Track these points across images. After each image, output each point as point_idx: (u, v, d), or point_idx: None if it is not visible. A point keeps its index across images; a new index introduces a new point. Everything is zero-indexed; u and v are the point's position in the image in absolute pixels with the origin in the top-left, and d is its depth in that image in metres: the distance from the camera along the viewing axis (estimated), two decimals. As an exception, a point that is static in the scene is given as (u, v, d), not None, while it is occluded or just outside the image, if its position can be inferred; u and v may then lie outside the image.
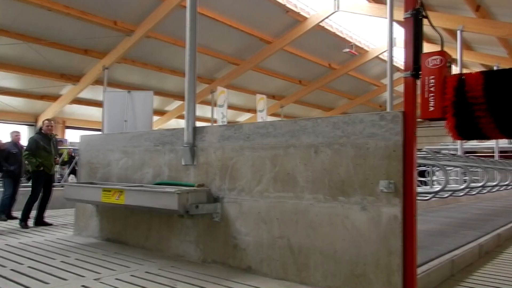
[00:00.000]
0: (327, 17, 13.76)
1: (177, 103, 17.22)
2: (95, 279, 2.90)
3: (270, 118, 18.61)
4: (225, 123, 13.53)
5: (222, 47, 14.53)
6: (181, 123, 12.54)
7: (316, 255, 2.75)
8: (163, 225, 3.70)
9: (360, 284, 2.55)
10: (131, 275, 3.01)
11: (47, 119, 5.77)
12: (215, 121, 15.28)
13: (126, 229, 4.05)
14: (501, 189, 9.19)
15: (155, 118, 16.30)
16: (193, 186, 3.40)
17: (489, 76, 2.29)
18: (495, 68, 11.45)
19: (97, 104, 14.72)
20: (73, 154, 10.31)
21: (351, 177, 2.66)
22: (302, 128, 2.91)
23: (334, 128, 2.76)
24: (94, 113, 15.48)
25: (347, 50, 15.56)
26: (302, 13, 13.63)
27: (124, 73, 14.02)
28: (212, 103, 15.96)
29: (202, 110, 18.05)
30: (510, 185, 8.96)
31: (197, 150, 3.50)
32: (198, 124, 3.61)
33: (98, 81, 13.13)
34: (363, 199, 2.60)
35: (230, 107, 17.98)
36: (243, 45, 14.65)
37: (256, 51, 15.20)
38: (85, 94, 14.31)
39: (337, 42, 15.65)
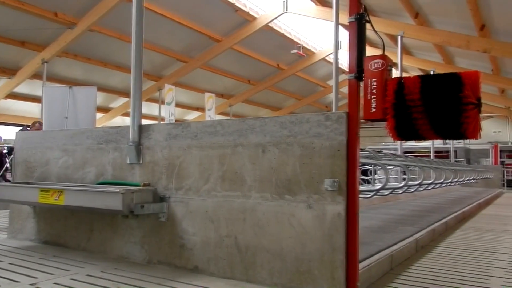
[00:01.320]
0: (275, 18, 13.94)
1: (122, 100, 16.70)
2: (30, 284, 2.74)
3: (219, 117, 18.57)
4: (173, 122, 13.30)
5: (170, 43, 14.28)
6: (127, 121, 12.17)
7: (263, 253, 2.78)
8: (106, 226, 3.57)
9: (305, 280, 2.61)
10: (71, 279, 2.87)
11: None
12: (162, 119, 14.97)
13: (66, 231, 3.87)
14: (436, 186, 9.76)
15: (99, 115, 15.70)
16: (138, 185, 3.31)
17: (426, 80, 2.42)
18: (431, 73, 12.13)
19: (35, 99, 13.92)
20: (4, 152, 9.70)
21: (297, 176, 2.71)
22: (250, 128, 2.92)
23: (281, 127, 2.80)
24: (32, 109, 14.64)
25: (295, 51, 15.85)
26: (251, 12, 13.72)
27: (65, 67, 13.36)
28: (160, 101, 15.62)
29: (149, 108, 17.62)
30: (444, 183, 9.54)
31: (143, 148, 3.41)
32: (145, 122, 3.52)
33: (36, 75, 12.41)
34: (309, 198, 2.66)
35: (178, 105, 17.72)
36: (191, 42, 14.48)
37: (204, 49, 15.09)
38: (21, 89, 13.49)
39: (285, 43, 15.91)
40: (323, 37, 16.19)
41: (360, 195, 6.65)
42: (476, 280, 3.16)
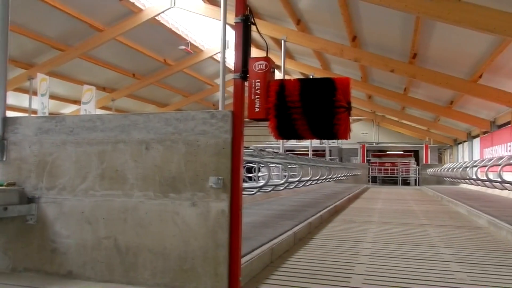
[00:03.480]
0: (163, 12, 13.59)
1: (-17, 89, 14.67)
2: None
3: (100, 112, 17.45)
4: (46, 114, 12.13)
5: (44, 29, 12.98)
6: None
7: (145, 254, 2.69)
8: (-41, 232, 3.10)
9: (188, 278, 2.60)
10: None
11: None
12: (34, 112, 13.56)
13: None
14: (313, 183, 10.53)
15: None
16: (1, 185, 2.95)
17: (304, 83, 2.59)
18: (311, 77, 13.05)
19: None
20: None
21: (182, 173, 2.69)
22: (133, 123, 2.81)
23: (166, 124, 2.74)
24: None
25: (183, 47, 15.67)
26: (137, 3, 13.17)
27: None
28: (31, 91, 14.12)
29: (18, 99, 15.83)
30: (320, 180, 10.34)
31: (8, 144, 3.04)
32: (12, 114, 3.14)
33: None
34: (193, 195, 2.65)
35: (53, 97, 16.23)
36: (69, 29, 13.36)
37: (85, 38, 14.05)
38: None
39: (173, 38, 15.62)
40: (212, 35, 16.28)
41: (244, 192, 6.85)
42: (344, 267, 3.49)
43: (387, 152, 28.98)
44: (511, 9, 7.49)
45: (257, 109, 2.64)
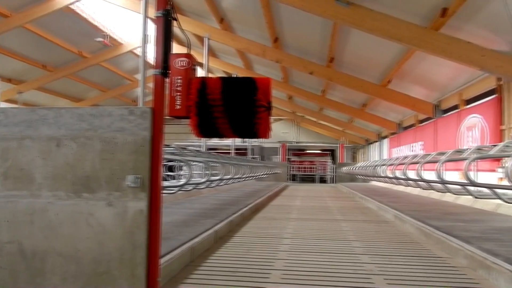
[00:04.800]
0: (77, 1, 12.79)
1: None
2: None
3: (5, 105, 16.01)
4: None
5: None
6: None
7: (54, 258, 2.51)
8: None
9: (103, 281, 2.48)
10: None
11: None
12: None
13: None
14: (235, 181, 10.61)
15: None
16: None
17: (226, 82, 2.60)
18: (233, 76, 13.14)
19: None
20: None
21: (97, 172, 2.55)
22: (41, 118, 2.60)
23: (80, 120, 2.58)
24: None
25: (100, 39, 14.90)
26: (48, -10, 12.25)
27: None
28: None
29: None
30: (242, 178, 10.45)
31: None
32: None
33: None
34: (109, 195, 2.53)
35: None
36: (-32, 13, 12.07)
37: (-13, 23, 12.77)
38: None
39: (90, 29, 14.78)
40: (132, 28, 15.67)
41: (164, 191, 6.70)
42: (264, 263, 3.56)
43: (306, 151, 30.15)
44: (417, 21, 8.19)
45: (178, 107, 2.59)
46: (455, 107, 11.47)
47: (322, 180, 27.72)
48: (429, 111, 13.01)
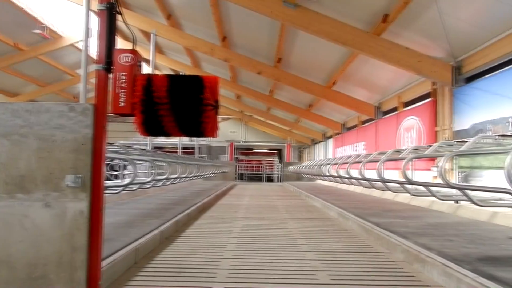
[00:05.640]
0: (14, -11, 12.02)
1: None
2: None
3: None
4: None
5: None
6: None
7: (-16, 264, 2.34)
8: None
9: (39, 287, 2.34)
10: None
11: None
12: None
13: None
14: (182, 180, 10.46)
15: None
16: None
17: (172, 79, 2.55)
18: (181, 73, 12.93)
19: None
20: None
21: (33, 172, 2.41)
22: (-30, 114, 2.42)
23: (13, 116, 2.43)
24: None
25: (38, 31, 14.09)
26: (-20, -24, 11.41)
27: None
28: None
29: None
30: (189, 177, 10.32)
31: None
32: None
33: None
34: (46, 195, 2.40)
35: None
36: None
37: None
38: None
39: (26, 20, 13.93)
40: (73, 21, 14.96)
41: (107, 191, 6.47)
42: (210, 263, 3.54)
43: (254, 150, 30.38)
44: (360, 26, 8.51)
45: (122, 104, 2.51)
46: (394, 109, 12.04)
47: (269, 179, 28.06)
48: (371, 112, 13.57)
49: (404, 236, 4.27)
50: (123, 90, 2.52)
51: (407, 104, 11.28)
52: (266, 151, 30.35)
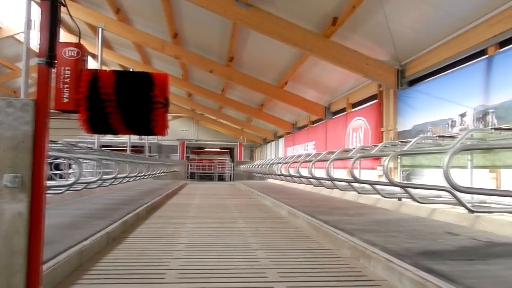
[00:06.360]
0: None
1: None
2: None
3: None
4: None
5: None
6: None
7: None
8: None
9: (-27, 295, 2.19)
10: None
11: None
12: None
13: None
14: (131, 180, 10.19)
15: None
16: None
17: (120, 76, 2.47)
18: (130, 70, 12.58)
19: None
20: None
21: (-34, 171, 2.25)
22: None
23: None
24: None
25: (-26, 21, 13.18)
26: None
27: None
28: None
29: None
30: (138, 176, 10.08)
31: None
32: None
33: None
34: (-19, 196, 2.24)
35: None
36: None
37: None
38: None
39: (-40, 8, 12.98)
40: (14, 11, 14.12)
41: (50, 191, 6.18)
42: (160, 264, 3.48)
43: (205, 149, 30.17)
44: (311, 28, 8.69)
45: (65, 100, 2.40)
46: (343, 110, 12.43)
47: (221, 178, 28.01)
48: (321, 113, 13.91)
49: (351, 233, 4.42)
50: (66, 86, 2.42)
51: (355, 105, 11.67)
52: (217, 150, 30.25)
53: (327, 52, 8.69)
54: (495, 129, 5.08)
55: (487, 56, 6.46)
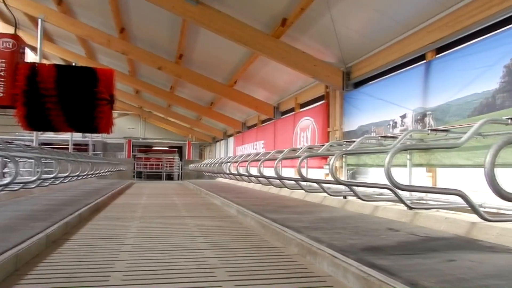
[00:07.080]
0: None
1: None
2: None
3: None
4: None
5: None
6: None
7: None
8: None
9: None
10: None
11: None
12: None
13: None
14: (73, 179, 9.75)
15: None
16: None
17: (61, 70, 2.36)
18: (73, 64, 12.03)
19: None
20: None
21: None
22: None
23: None
24: None
25: None
26: None
27: None
28: None
29: None
30: (80, 176, 9.66)
31: None
32: None
33: None
34: None
35: None
36: None
37: None
38: None
39: None
40: None
41: (-17, 192, 5.76)
42: (104, 266, 3.35)
43: (153, 148, 29.53)
44: (260, 27, 8.75)
45: (0, 95, 2.25)
46: (292, 110, 12.64)
47: (169, 177, 27.54)
48: (270, 112, 14.06)
49: (298, 231, 4.50)
50: (1, 79, 2.27)
51: (303, 105, 11.92)
52: (166, 148, 29.71)
53: (276, 52, 8.79)
54: (432, 130, 5.38)
55: (425, 61, 6.83)
